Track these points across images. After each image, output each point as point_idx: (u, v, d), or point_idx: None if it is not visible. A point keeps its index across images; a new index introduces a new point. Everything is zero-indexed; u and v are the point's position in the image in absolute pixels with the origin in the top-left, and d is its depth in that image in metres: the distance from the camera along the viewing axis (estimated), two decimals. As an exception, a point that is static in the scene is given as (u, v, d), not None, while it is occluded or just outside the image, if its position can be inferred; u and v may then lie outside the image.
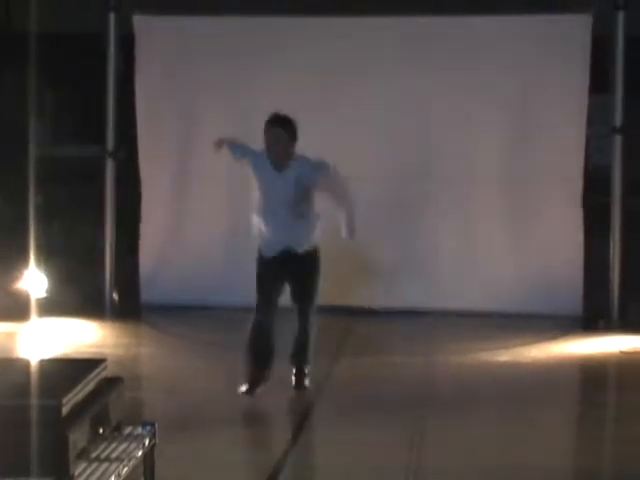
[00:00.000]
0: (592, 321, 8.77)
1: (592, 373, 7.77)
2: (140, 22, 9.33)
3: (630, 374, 7.55)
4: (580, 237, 8.99)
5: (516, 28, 8.99)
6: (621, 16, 8.71)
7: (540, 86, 8.96)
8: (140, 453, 3.71)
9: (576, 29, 8.83)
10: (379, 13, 9.16)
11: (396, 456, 5.49)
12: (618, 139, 8.90)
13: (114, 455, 3.58)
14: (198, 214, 9.46)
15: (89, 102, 9.58)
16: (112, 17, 9.19)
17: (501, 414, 6.38)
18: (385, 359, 7.76)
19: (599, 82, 9.07)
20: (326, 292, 9.16)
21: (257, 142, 9.36)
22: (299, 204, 6.69)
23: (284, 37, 9.25)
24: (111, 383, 3.84)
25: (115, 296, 9.33)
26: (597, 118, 9.09)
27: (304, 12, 9.29)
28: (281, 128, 6.73)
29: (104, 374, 3.82)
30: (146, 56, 9.34)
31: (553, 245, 9.02)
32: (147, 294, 9.35)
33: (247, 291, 9.21)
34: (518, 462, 5.47)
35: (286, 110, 9.32)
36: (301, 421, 6.15)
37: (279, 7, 9.39)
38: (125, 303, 9.28)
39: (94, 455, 3.53)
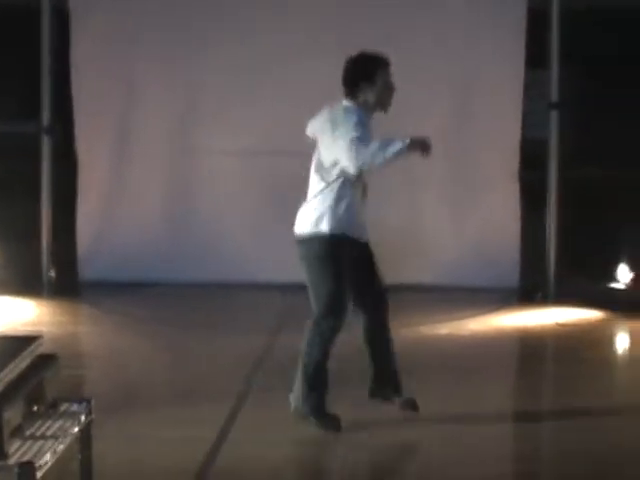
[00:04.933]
0: (529, 294, 8.88)
1: (529, 345, 7.86)
2: (76, -5, 9.21)
3: (566, 346, 7.66)
4: (517, 211, 9.07)
5: (449, 1, 8.99)
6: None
7: (474, 59, 8.97)
8: (76, 430, 3.68)
9: (510, 1, 8.88)
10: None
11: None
12: (555, 114, 8.99)
13: (49, 432, 3.54)
14: (136, 190, 9.38)
15: (24, 77, 9.43)
16: (47, -10, 9.07)
17: (441, 386, 6.41)
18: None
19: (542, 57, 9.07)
20: (267, 266, 9.25)
21: (196, 117, 9.42)
22: None
23: (221, 12, 9.19)
24: (46, 360, 3.80)
25: (52, 274, 9.23)
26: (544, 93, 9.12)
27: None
28: None
29: (39, 351, 3.78)
30: (82, 30, 9.21)
31: (491, 219, 9.09)
32: (85, 271, 9.27)
33: (186, 267, 9.24)
34: (457, 431, 5.51)
35: (227, 83, 9.34)
36: (239, 399, 6.13)
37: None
38: (63, 281, 9.19)
39: (29, 433, 3.50)
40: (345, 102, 5.46)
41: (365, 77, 5.37)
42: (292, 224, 9.34)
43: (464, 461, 5.16)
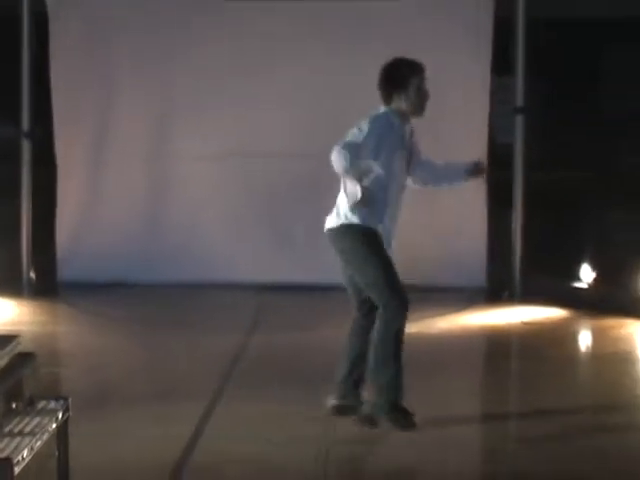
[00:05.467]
0: (496, 293, 8.91)
1: (496, 343, 7.88)
2: (54, 1, 9.17)
3: (531, 344, 7.69)
4: (484, 212, 9.09)
5: (419, 9, 9.01)
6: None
7: (444, 66, 8.95)
8: (53, 427, 3.65)
9: (478, 11, 8.91)
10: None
11: (310, 427, 5.48)
12: (520, 118, 9.03)
13: (27, 429, 3.51)
14: (113, 193, 9.37)
15: (4, 83, 9.38)
16: (25, -3, 9.04)
17: (410, 384, 6.40)
18: (298, 334, 7.76)
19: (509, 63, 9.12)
20: (240, 267, 9.24)
21: (172, 122, 9.40)
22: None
23: (200, 16, 9.19)
24: (24, 359, 3.77)
25: (32, 275, 9.18)
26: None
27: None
28: None
29: (17, 350, 3.75)
30: (61, 36, 9.20)
31: (458, 220, 9.10)
32: (64, 272, 9.24)
33: (162, 268, 9.21)
34: (427, 429, 5.50)
35: (202, 86, 9.33)
36: (215, 396, 6.10)
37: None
38: (42, 281, 9.16)
39: (7, 430, 3.47)
40: (382, 107, 5.41)
41: (397, 84, 5.30)
42: (267, 225, 9.43)
43: (425, 459, 5.13)
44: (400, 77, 5.29)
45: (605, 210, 10.25)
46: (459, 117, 9.00)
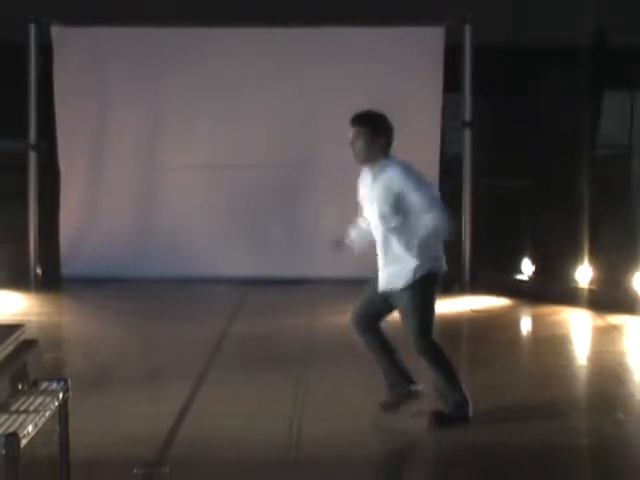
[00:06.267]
0: (447, 285, 8.93)
1: (448, 328, 7.89)
2: (57, 32, 9.19)
3: (479, 329, 7.74)
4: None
5: (381, 38, 9.09)
6: (468, 29, 8.92)
7: (402, 88, 9.05)
8: (55, 405, 3.64)
9: (431, 39, 8.99)
10: (267, 25, 9.18)
11: (285, 404, 5.49)
12: (468, 132, 9.10)
13: (32, 408, 3.50)
14: (111, 198, 9.39)
15: (14, 102, 9.37)
16: (32, 28, 9.03)
17: (369, 366, 6.42)
18: (273, 322, 7.77)
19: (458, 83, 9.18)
20: (222, 263, 9.24)
21: (162, 136, 9.40)
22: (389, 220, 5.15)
23: (188, 45, 9.21)
24: (29, 345, 3.75)
25: (38, 270, 9.16)
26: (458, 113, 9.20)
27: (209, 23, 9.25)
28: (359, 126, 5.40)
29: (22, 337, 3.73)
30: (63, 62, 9.24)
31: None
32: (67, 268, 9.23)
33: (154, 264, 9.22)
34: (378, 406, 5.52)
35: (190, 109, 9.34)
36: (200, 377, 6.10)
37: (183, 19, 9.34)
38: (47, 276, 9.15)
39: (14, 408, 3.46)
40: None
41: None
42: (247, 226, 9.43)
43: (381, 432, 5.14)
44: None
45: (543, 213, 10.33)
46: (414, 131, 9.04)
